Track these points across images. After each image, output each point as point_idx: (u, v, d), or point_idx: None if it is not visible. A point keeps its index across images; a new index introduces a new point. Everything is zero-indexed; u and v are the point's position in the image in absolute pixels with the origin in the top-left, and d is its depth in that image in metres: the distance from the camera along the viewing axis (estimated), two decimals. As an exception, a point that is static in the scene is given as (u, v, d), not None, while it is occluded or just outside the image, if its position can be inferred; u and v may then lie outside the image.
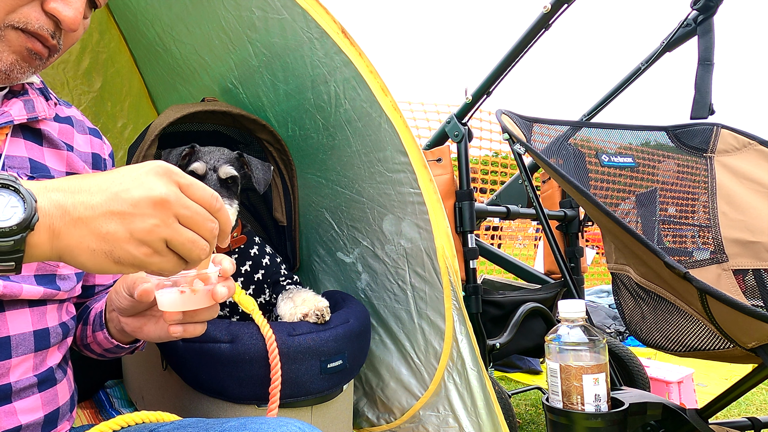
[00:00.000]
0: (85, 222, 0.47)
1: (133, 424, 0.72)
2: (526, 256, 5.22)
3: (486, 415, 1.15)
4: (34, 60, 0.65)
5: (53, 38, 0.64)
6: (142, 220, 0.47)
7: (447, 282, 1.13)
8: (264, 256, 1.23)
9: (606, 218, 0.95)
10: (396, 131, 1.11)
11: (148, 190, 0.48)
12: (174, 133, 1.35)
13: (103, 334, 0.77)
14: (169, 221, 0.48)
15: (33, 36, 0.62)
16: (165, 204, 0.48)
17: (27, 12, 0.61)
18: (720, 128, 1.43)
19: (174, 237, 0.48)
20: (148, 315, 0.71)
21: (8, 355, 0.63)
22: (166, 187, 0.49)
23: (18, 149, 0.69)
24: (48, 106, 0.74)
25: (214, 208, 0.51)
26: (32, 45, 0.63)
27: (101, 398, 1.42)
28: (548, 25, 1.55)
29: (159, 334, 0.70)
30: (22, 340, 0.65)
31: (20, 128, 0.70)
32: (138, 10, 1.53)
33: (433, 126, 4.42)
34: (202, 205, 0.51)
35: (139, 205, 0.47)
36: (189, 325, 0.63)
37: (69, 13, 0.62)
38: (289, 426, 0.64)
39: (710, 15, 1.43)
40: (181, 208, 0.49)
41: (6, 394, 0.63)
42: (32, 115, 0.70)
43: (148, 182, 0.48)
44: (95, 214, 0.47)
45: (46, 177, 0.70)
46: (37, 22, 0.61)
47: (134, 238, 0.47)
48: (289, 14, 1.11)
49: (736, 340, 0.88)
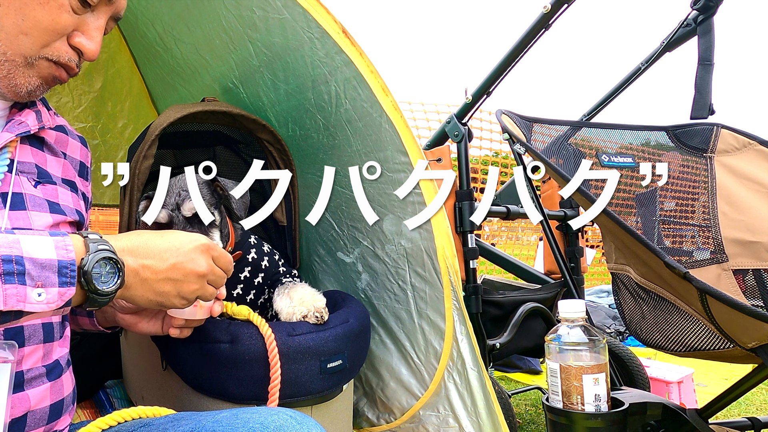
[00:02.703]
0: (149, 282, 0.66)
1: (129, 419, 0.75)
2: (526, 256, 5.22)
3: (486, 415, 1.15)
4: (54, 83, 0.74)
5: (77, 67, 0.74)
6: (188, 286, 0.69)
7: (447, 282, 1.13)
8: (263, 257, 1.23)
9: (606, 218, 0.95)
10: (396, 131, 1.11)
11: (196, 266, 0.69)
12: (174, 133, 1.35)
13: (90, 321, 0.91)
14: (204, 285, 0.72)
15: (62, 66, 0.72)
16: (205, 275, 0.71)
17: (59, 46, 0.70)
18: (720, 128, 1.43)
19: (204, 294, 0.72)
20: (143, 314, 0.87)
21: (22, 344, 0.67)
22: (206, 262, 0.71)
23: (26, 155, 0.75)
24: (50, 116, 0.81)
25: (228, 270, 0.76)
26: (59, 74, 0.73)
27: (101, 398, 1.42)
28: (548, 25, 1.55)
29: (151, 330, 0.88)
30: (34, 331, 0.69)
31: (27, 136, 0.76)
32: (138, 10, 1.52)
33: (433, 126, 4.43)
34: (223, 269, 0.75)
35: (189, 276, 0.69)
36: (185, 330, 0.88)
37: (92, 47, 0.72)
38: (280, 414, 0.67)
39: (710, 15, 1.43)
40: (212, 276, 0.72)
41: (20, 382, 0.67)
42: (41, 125, 0.77)
43: (197, 259, 0.70)
44: (158, 278, 0.66)
45: (48, 182, 0.77)
46: (66, 54, 0.71)
47: (180, 296, 0.69)
48: (290, 14, 1.11)
49: (736, 340, 0.88)
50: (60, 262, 0.56)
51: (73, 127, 0.91)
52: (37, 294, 0.54)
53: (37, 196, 0.73)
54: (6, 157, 0.72)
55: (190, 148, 1.47)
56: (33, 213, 0.71)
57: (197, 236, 0.72)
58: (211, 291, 0.73)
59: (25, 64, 0.69)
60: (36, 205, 0.72)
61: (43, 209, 0.73)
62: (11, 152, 0.73)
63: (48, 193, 0.76)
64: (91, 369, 1.40)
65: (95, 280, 0.58)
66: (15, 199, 0.70)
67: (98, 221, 5.26)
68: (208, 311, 0.85)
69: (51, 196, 0.76)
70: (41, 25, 0.67)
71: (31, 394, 0.68)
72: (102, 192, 2.10)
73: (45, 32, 0.68)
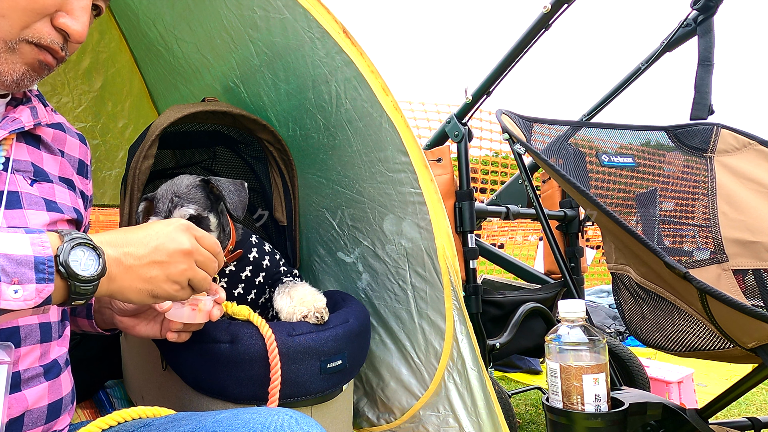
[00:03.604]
0: (134, 269, 0.63)
1: (129, 419, 0.74)
2: (526, 256, 5.22)
3: (486, 415, 1.15)
4: (42, 70, 0.70)
5: (62, 51, 0.70)
6: (175, 266, 0.66)
7: (447, 282, 1.13)
8: (264, 257, 1.23)
9: (606, 218, 0.95)
10: (397, 131, 1.11)
11: (179, 244, 0.67)
12: (175, 133, 1.35)
13: (89, 322, 0.90)
14: (192, 265, 0.68)
15: (45, 49, 0.68)
16: (190, 254, 0.68)
17: (39, 27, 0.66)
18: (720, 128, 1.43)
19: (195, 276, 0.69)
20: (141, 317, 0.86)
21: (18, 344, 0.67)
22: (189, 240, 0.68)
23: (22, 153, 0.74)
24: (47, 113, 0.79)
25: (216, 252, 0.73)
26: (44, 57, 0.69)
27: (101, 398, 1.42)
28: (548, 25, 1.55)
29: (149, 333, 0.87)
30: (30, 331, 0.69)
31: (23, 134, 0.75)
32: (140, 10, 1.53)
33: (434, 126, 4.43)
34: (209, 251, 0.71)
35: (174, 255, 0.66)
36: (183, 333, 0.86)
37: (77, 28, 0.68)
38: (281, 415, 0.66)
39: (710, 15, 1.43)
40: (199, 256, 0.69)
41: (16, 382, 0.66)
42: (36, 122, 0.75)
43: (178, 238, 0.67)
44: (142, 263, 0.64)
45: (45, 181, 0.76)
46: (49, 36, 0.67)
47: (170, 279, 0.66)
48: (291, 14, 1.11)
49: (736, 340, 0.88)
50: (36, 258, 0.55)
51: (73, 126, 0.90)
52: (13, 291, 0.53)
53: (34, 195, 0.72)
54: (1, 155, 0.70)
55: (190, 148, 1.47)
56: (29, 212, 0.70)
57: (176, 219, 0.71)
58: (201, 275, 0.69)
59: (6, 50, 0.65)
60: (32, 204, 0.71)
61: (40, 207, 0.72)
62: (6, 150, 0.71)
63: (45, 192, 0.74)
64: (91, 369, 1.40)
65: (74, 266, 0.56)
66: (11, 197, 0.69)
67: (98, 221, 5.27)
68: (207, 315, 0.81)
69: (48, 195, 0.75)
70: (19, 4, 0.63)
71: (28, 393, 0.67)
72: (102, 192, 2.10)
73: (24, 12, 0.64)
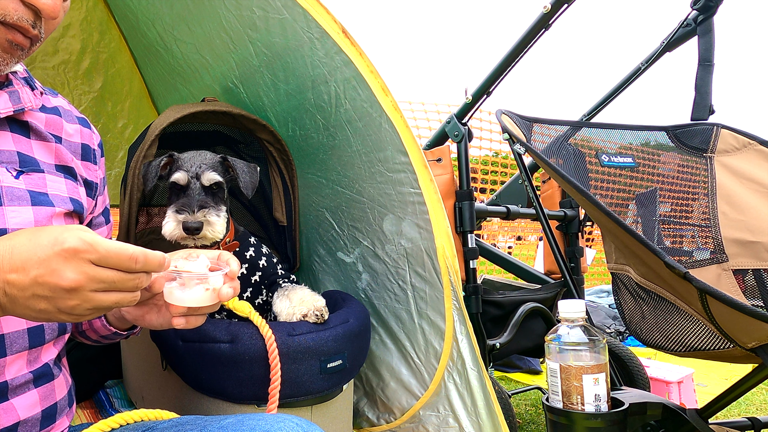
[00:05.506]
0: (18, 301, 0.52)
1: (131, 422, 0.72)
2: (526, 256, 5.22)
3: (486, 415, 1.15)
4: (15, 51, 0.64)
5: (34, 28, 0.64)
6: (63, 302, 0.52)
7: (447, 282, 1.13)
8: (260, 257, 1.23)
9: (606, 218, 0.95)
10: (396, 131, 1.11)
11: (58, 279, 0.51)
12: (174, 133, 1.35)
13: (101, 321, 0.79)
14: (87, 297, 0.52)
15: (13, 28, 0.62)
16: (77, 289, 0.52)
17: (5, 4, 0.60)
18: (720, 128, 1.43)
19: (98, 305, 0.53)
20: (150, 304, 0.72)
21: (3, 354, 0.63)
22: (75, 272, 0.51)
23: (6, 143, 0.68)
24: (34, 96, 0.73)
25: (134, 269, 0.54)
26: (13, 37, 0.63)
27: (101, 398, 1.42)
28: (548, 25, 1.55)
29: (160, 323, 0.71)
30: (17, 337, 0.65)
31: (7, 121, 0.69)
32: (139, 10, 1.53)
33: (434, 126, 4.43)
34: (121, 269, 0.54)
35: (56, 291, 0.51)
36: (191, 317, 0.67)
37: (48, 2, 0.62)
38: (286, 422, 0.65)
39: (710, 15, 1.43)
40: (96, 284, 0.52)
41: (3, 392, 0.63)
42: (18, 107, 0.69)
43: (58, 270, 0.51)
44: (25, 296, 0.51)
45: (35, 170, 0.70)
46: (15, 13, 0.61)
47: (64, 312, 0.53)
48: (290, 14, 1.11)
49: (736, 340, 0.88)
50: None
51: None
52: None
53: (17, 188, 0.67)
54: None
55: (190, 148, 1.47)
56: (9, 209, 0.65)
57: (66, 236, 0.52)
58: (113, 299, 0.54)
59: None
60: (14, 200, 0.66)
61: (24, 203, 0.67)
62: None
63: (33, 183, 0.69)
64: (91, 369, 1.40)
65: None
66: None
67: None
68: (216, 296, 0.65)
69: (36, 186, 0.69)
70: None
71: (17, 403, 0.64)
72: (102, 192, 2.10)
73: None
